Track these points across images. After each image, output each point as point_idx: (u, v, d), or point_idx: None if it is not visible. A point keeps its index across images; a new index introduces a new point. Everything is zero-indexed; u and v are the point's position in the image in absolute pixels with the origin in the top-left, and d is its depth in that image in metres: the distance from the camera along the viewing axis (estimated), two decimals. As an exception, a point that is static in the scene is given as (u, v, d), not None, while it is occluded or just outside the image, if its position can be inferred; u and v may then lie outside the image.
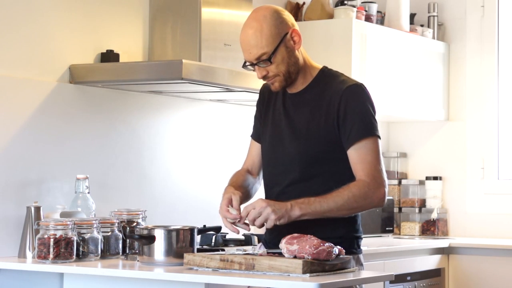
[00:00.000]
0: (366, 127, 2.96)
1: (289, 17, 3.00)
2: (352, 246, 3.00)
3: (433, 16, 5.71)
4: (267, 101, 3.14)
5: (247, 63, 2.99)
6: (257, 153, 3.19)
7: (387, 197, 2.98)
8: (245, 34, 2.95)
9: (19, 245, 3.46)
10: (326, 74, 3.05)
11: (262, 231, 3.14)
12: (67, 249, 3.29)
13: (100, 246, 3.40)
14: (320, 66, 3.08)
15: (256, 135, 3.20)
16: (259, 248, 3.00)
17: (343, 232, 2.99)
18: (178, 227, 3.13)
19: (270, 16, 2.95)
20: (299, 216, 2.87)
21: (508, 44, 5.65)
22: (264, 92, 3.17)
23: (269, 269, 2.75)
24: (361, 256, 3.06)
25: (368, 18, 5.14)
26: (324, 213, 2.89)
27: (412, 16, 5.58)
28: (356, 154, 2.94)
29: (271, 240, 3.05)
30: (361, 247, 3.08)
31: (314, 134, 2.98)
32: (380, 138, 2.99)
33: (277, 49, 2.93)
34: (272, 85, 3.02)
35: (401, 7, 5.37)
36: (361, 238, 3.08)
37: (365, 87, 3.02)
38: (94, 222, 3.39)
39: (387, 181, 2.98)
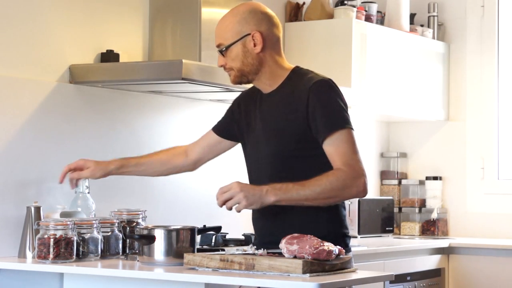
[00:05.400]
0: (336, 120, 2.92)
1: (261, 20, 3.00)
2: (338, 245, 2.89)
3: (433, 16, 5.71)
4: (248, 103, 3.13)
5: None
6: (206, 143, 3.29)
7: (368, 187, 2.91)
8: (219, 21, 3.04)
9: (19, 245, 3.46)
10: (296, 74, 3.03)
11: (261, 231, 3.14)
12: (67, 249, 3.29)
13: (100, 246, 3.40)
14: (293, 67, 3.07)
15: (215, 128, 3.28)
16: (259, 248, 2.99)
17: (325, 232, 2.92)
18: (178, 227, 3.13)
19: (242, 12, 2.99)
20: (273, 202, 2.86)
21: (508, 44, 5.65)
22: (248, 93, 3.17)
23: (269, 269, 2.74)
24: (349, 255, 2.97)
25: (368, 18, 5.13)
26: (301, 201, 2.87)
27: (412, 16, 5.58)
28: (330, 148, 2.91)
29: (259, 239, 3.06)
30: (351, 246, 3.03)
31: (284, 133, 2.96)
32: (353, 130, 2.95)
33: (232, 44, 2.98)
34: (229, 76, 3.06)
35: (401, 7, 5.36)
36: (349, 236, 3.03)
37: (333, 82, 2.99)
38: (94, 222, 3.39)
39: (366, 171, 2.92)
